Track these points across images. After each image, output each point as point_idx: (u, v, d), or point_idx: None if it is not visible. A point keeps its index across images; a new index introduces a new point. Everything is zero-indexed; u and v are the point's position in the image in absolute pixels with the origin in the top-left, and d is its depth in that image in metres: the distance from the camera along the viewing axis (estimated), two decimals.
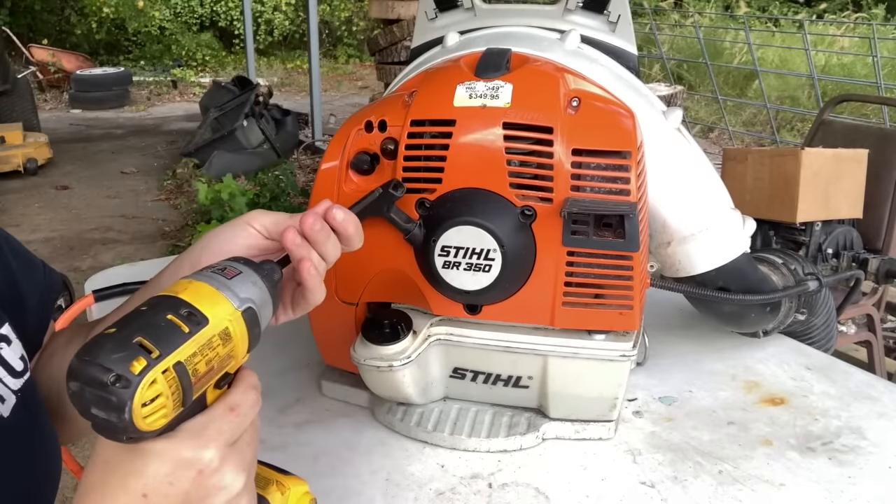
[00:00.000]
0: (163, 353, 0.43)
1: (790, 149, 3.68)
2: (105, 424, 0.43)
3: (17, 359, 0.59)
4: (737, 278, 0.89)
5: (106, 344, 0.43)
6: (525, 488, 0.76)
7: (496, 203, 0.72)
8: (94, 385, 0.42)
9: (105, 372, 0.42)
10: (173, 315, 0.45)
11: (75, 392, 0.43)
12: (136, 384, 0.42)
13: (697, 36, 6.65)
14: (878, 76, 5.21)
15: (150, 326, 0.44)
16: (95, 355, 0.42)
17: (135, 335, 0.43)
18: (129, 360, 0.42)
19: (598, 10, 0.87)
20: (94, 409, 0.43)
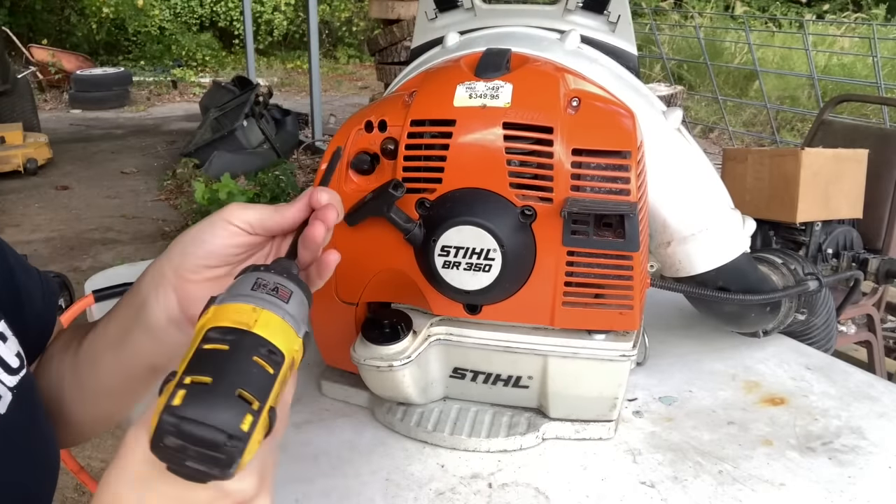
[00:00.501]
0: (262, 403, 0.42)
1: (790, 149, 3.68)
2: (196, 474, 0.41)
3: (12, 356, 0.59)
4: (737, 278, 0.89)
5: (212, 400, 0.40)
6: (525, 488, 0.76)
7: (496, 203, 0.72)
8: (204, 445, 0.40)
9: (219, 433, 0.40)
10: (258, 357, 0.43)
11: (174, 448, 0.40)
12: (247, 440, 0.41)
13: (697, 36, 6.65)
14: (878, 76, 5.21)
15: (244, 374, 0.42)
16: (205, 416, 0.40)
17: (235, 387, 0.41)
18: (239, 417, 0.41)
19: (598, 11, 0.87)
20: (193, 462, 0.41)
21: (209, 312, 0.46)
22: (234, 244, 0.55)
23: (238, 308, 0.45)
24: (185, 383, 0.42)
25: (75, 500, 2.18)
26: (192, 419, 0.40)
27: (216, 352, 0.43)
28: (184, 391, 0.41)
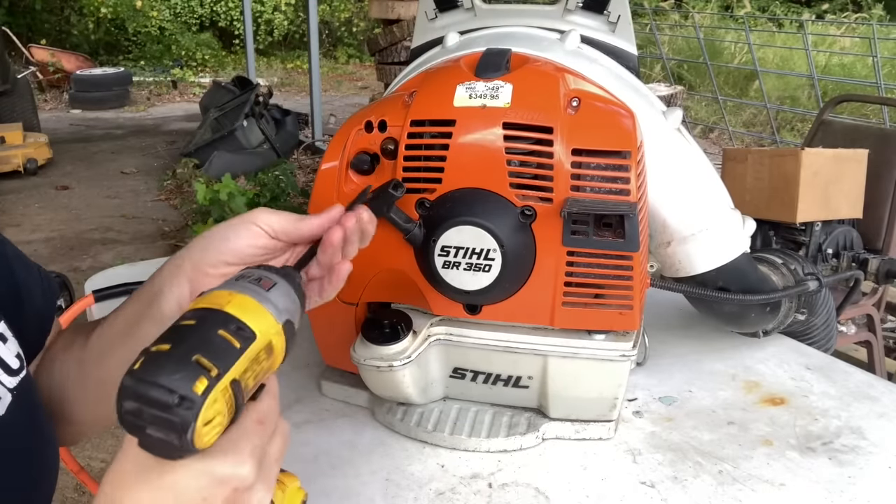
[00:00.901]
0: (221, 371, 0.43)
1: (790, 149, 3.68)
2: (159, 444, 0.42)
3: (12, 357, 0.59)
4: (737, 278, 0.89)
5: (166, 363, 0.42)
6: (525, 488, 0.76)
7: (496, 203, 0.72)
8: (157, 406, 0.41)
9: (169, 393, 0.41)
10: (224, 330, 0.44)
11: (131, 411, 0.41)
12: (200, 404, 0.41)
13: (697, 36, 6.65)
14: (878, 76, 5.21)
15: (205, 343, 0.43)
16: (156, 375, 0.41)
17: (192, 353, 0.42)
18: (192, 379, 0.41)
19: (597, 11, 0.87)
20: (152, 429, 0.41)
21: (199, 297, 0.48)
22: (255, 245, 0.57)
23: (216, 293, 0.47)
24: (148, 351, 0.43)
25: (75, 500, 2.18)
26: (146, 380, 0.41)
27: (183, 326, 0.44)
28: (142, 360, 0.42)
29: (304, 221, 0.57)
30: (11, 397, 0.58)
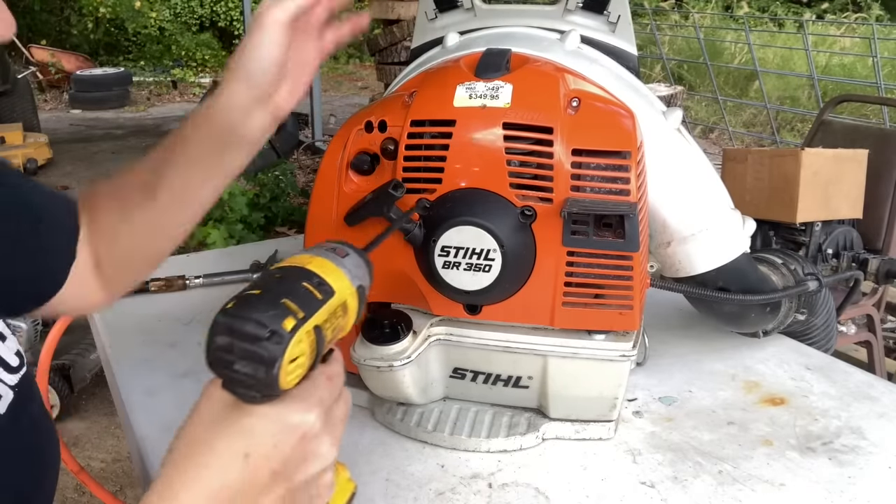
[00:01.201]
0: (306, 315, 0.46)
1: (790, 149, 3.68)
2: (245, 380, 0.45)
3: (12, 354, 0.59)
4: (737, 278, 0.89)
5: (258, 303, 0.45)
6: (525, 488, 0.76)
7: (496, 203, 0.72)
8: (248, 339, 0.44)
9: (260, 327, 0.44)
10: (308, 283, 0.48)
11: (222, 346, 0.44)
12: (288, 340, 0.45)
13: (697, 36, 6.65)
14: (879, 76, 5.21)
15: (292, 291, 0.47)
16: (249, 312, 0.45)
17: (281, 297, 0.46)
18: (281, 317, 0.45)
19: (597, 11, 0.87)
20: (241, 363, 0.44)
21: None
22: (283, 44, 0.63)
23: (298, 256, 0.51)
24: (239, 295, 0.46)
25: (75, 500, 2.18)
26: (240, 315, 0.44)
27: (271, 277, 0.49)
28: (234, 301, 0.46)
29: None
30: (13, 395, 0.58)
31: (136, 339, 1.05)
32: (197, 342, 1.03)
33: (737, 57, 7.48)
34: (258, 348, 0.44)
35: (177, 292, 1.18)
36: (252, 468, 0.46)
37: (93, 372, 2.67)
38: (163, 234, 0.73)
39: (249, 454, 0.46)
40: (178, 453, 0.47)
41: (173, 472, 0.46)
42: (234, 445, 0.46)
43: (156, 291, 1.18)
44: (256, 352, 0.44)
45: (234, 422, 0.46)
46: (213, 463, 0.46)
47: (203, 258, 1.34)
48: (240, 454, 0.46)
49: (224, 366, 0.45)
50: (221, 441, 0.46)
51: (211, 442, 0.46)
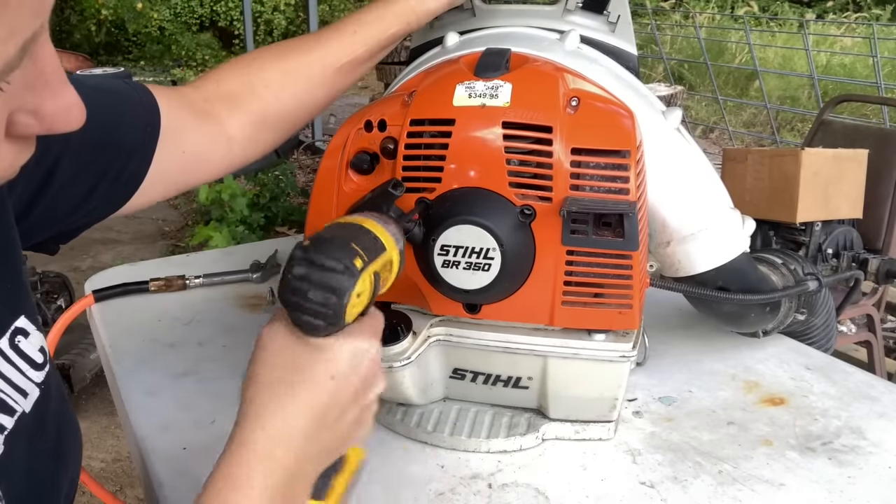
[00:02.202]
0: (369, 259, 0.53)
1: (790, 149, 3.68)
2: (316, 308, 0.50)
3: (36, 351, 0.59)
4: (736, 278, 0.89)
5: (333, 241, 0.52)
6: (525, 488, 0.75)
7: (495, 202, 0.72)
8: (326, 270, 0.50)
9: (337, 261, 0.50)
10: (367, 237, 0.55)
11: (299, 276, 0.50)
12: (358, 276, 0.51)
13: (697, 36, 6.65)
14: (879, 76, 5.21)
15: (357, 236, 0.54)
16: (326, 248, 0.51)
17: (350, 241, 0.53)
18: (353, 256, 0.52)
19: (597, 11, 0.87)
20: (315, 291, 0.50)
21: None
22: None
23: (349, 217, 0.59)
24: (313, 237, 0.53)
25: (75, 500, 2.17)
26: (318, 250, 0.51)
27: (335, 226, 0.56)
28: (311, 240, 0.52)
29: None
30: (39, 392, 0.58)
31: (136, 339, 1.05)
32: (197, 342, 1.04)
33: (737, 57, 7.48)
34: (332, 279, 0.50)
35: (177, 292, 1.18)
36: (337, 387, 0.52)
37: (93, 372, 2.67)
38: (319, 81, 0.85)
39: (335, 375, 0.52)
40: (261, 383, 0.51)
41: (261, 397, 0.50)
42: (320, 370, 0.51)
43: (156, 291, 1.18)
44: (330, 282, 0.50)
45: (312, 352, 0.51)
46: (304, 385, 0.51)
47: (203, 258, 1.34)
48: (327, 376, 0.51)
49: (298, 294, 0.50)
50: (307, 368, 0.51)
51: (297, 368, 0.51)
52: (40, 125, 0.39)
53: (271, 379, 0.51)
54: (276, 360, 0.52)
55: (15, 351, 0.56)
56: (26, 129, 0.38)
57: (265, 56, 0.84)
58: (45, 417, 0.59)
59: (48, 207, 0.65)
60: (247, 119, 0.82)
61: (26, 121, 0.38)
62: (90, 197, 0.70)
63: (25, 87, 0.36)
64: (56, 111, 0.39)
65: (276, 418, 0.49)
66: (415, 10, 0.85)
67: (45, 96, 0.38)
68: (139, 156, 0.73)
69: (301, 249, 0.51)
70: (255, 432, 0.49)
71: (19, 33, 0.32)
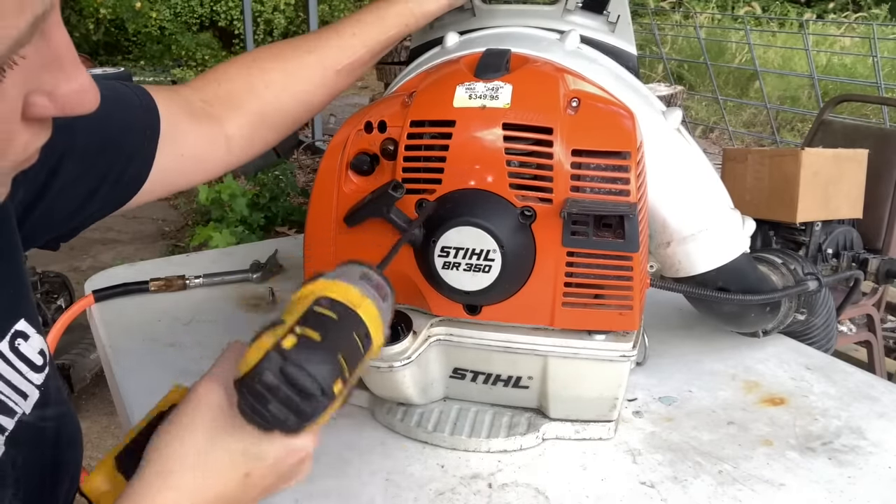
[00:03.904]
0: (350, 375, 0.46)
1: (790, 149, 3.68)
2: (272, 419, 0.44)
3: (36, 353, 0.59)
4: (737, 278, 0.89)
5: (317, 353, 0.44)
6: (525, 488, 0.76)
7: (496, 203, 0.72)
8: (298, 392, 0.43)
9: (315, 384, 0.43)
10: (357, 334, 0.47)
11: (268, 384, 0.43)
12: (331, 402, 0.45)
13: (698, 36, 6.65)
14: (879, 76, 5.21)
15: (346, 343, 0.46)
16: (308, 362, 0.43)
17: (337, 350, 0.45)
18: (334, 377, 0.44)
19: (597, 11, 0.87)
20: (279, 406, 0.44)
21: (319, 282, 0.50)
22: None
23: (347, 288, 0.49)
24: (296, 332, 0.45)
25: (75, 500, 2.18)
26: (298, 364, 0.43)
27: (326, 317, 0.47)
28: (295, 339, 0.44)
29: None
30: (38, 394, 0.58)
31: (136, 339, 1.05)
32: (197, 342, 1.04)
33: (737, 57, 7.48)
34: (307, 404, 0.44)
35: (177, 292, 1.19)
36: (248, 484, 0.48)
37: (93, 372, 2.67)
38: (319, 82, 0.85)
39: (250, 473, 0.47)
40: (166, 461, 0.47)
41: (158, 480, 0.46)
42: (237, 464, 0.47)
43: (156, 291, 1.18)
44: (300, 405, 0.44)
45: (240, 441, 0.47)
46: (214, 480, 0.47)
47: (203, 258, 1.34)
48: (241, 473, 0.47)
49: (260, 401, 0.44)
50: (223, 457, 0.47)
51: (212, 455, 0.47)
52: (55, 107, 0.39)
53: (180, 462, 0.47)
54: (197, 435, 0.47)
55: (15, 353, 0.57)
56: (42, 111, 0.39)
57: (265, 56, 0.84)
58: (45, 419, 0.59)
59: (48, 209, 0.65)
60: (246, 120, 0.82)
61: (42, 102, 0.38)
62: (90, 200, 0.70)
63: (41, 68, 0.37)
64: (70, 93, 0.39)
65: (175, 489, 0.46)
66: (414, 11, 0.85)
67: (60, 78, 0.38)
68: (139, 159, 0.73)
69: (279, 354, 0.43)
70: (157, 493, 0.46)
71: (29, 8, 0.33)
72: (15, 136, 0.38)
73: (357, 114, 0.79)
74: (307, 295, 0.49)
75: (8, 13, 0.32)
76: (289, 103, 0.84)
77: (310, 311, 0.47)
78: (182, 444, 0.47)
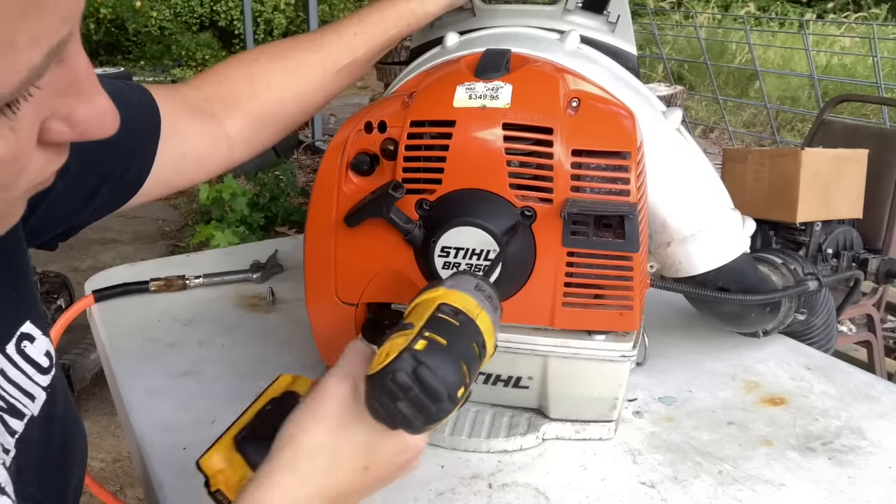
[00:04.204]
0: (469, 382, 0.49)
1: (790, 149, 3.68)
2: (399, 418, 0.47)
3: (42, 355, 0.59)
4: (737, 278, 0.89)
5: (447, 360, 0.47)
6: (525, 488, 0.76)
7: (496, 204, 0.72)
8: (430, 394, 0.46)
9: (444, 388, 0.46)
10: (476, 344, 0.50)
11: (402, 384, 0.46)
12: (455, 406, 0.48)
13: (697, 36, 6.65)
14: (879, 76, 5.21)
15: (467, 352, 0.49)
16: (439, 367, 0.46)
17: (461, 359, 0.48)
18: (459, 384, 0.47)
19: (597, 11, 0.87)
20: (409, 406, 0.47)
21: (439, 290, 0.53)
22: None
23: (467, 299, 0.53)
24: (425, 335, 0.48)
25: None
26: (429, 366, 0.46)
27: (450, 324, 0.50)
28: (425, 342, 0.47)
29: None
30: (45, 395, 0.58)
31: (136, 339, 1.05)
32: (197, 342, 1.04)
33: (737, 57, 7.48)
34: (434, 406, 0.46)
35: (177, 292, 1.19)
36: (367, 476, 0.51)
37: (93, 372, 2.67)
38: (320, 81, 0.85)
39: (369, 466, 0.50)
40: (301, 450, 0.50)
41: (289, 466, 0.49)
42: (359, 457, 0.50)
43: (156, 291, 1.18)
44: (430, 408, 0.46)
45: (364, 434, 0.50)
46: (338, 471, 0.50)
47: (203, 258, 1.34)
48: (362, 465, 0.50)
49: (391, 397, 0.47)
50: (349, 452, 0.50)
51: (339, 450, 0.50)
52: (73, 132, 0.38)
53: (309, 451, 0.50)
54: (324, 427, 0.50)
55: (21, 356, 0.57)
56: (59, 136, 0.38)
57: (266, 56, 0.84)
58: (53, 420, 0.59)
59: (50, 208, 0.65)
60: (247, 119, 0.82)
61: (59, 128, 0.38)
62: (91, 200, 0.70)
63: (57, 94, 0.36)
64: (88, 118, 0.38)
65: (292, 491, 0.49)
66: (415, 12, 0.85)
67: (78, 103, 0.37)
68: (141, 159, 0.73)
69: (412, 355, 0.46)
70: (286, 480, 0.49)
71: (45, 41, 0.32)
72: (31, 162, 0.37)
73: (357, 114, 0.79)
74: (428, 301, 0.52)
75: (21, 47, 0.31)
76: (289, 103, 0.84)
77: (434, 316, 0.50)
78: (311, 435, 0.50)
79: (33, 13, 0.31)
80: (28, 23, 0.31)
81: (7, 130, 0.34)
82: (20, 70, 0.32)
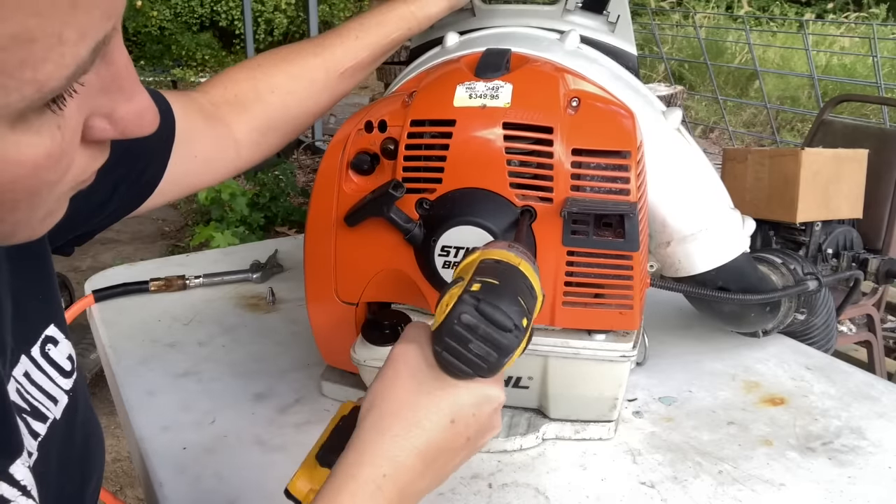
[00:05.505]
0: (530, 314, 0.51)
1: (790, 149, 3.68)
2: (473, 359, 0.49)
3: (65, 358, 0.59)
4: (736, 278, 0.89)
5: (503, 294, 0.49)
6: (525, 488, 0.76)
7: (496, 203, 0.72)
8: (497, 327, 0.48)
9: (508, 319, 0.48)
10: (525, 286, 0.52)
11: (469, 325, 0.48)
12: (524, 335, 0.50)
13: (697, 36, 6.65)
14: (879, 76, 5.21)
15: (522, 289, 0.51)
16: (499, 301, 0.48)
17: (517, 293, 0.50)
18: (522, 314, 0.49)
19: (597, 11, 0.87)
20: (479, 344, 0.48)
21: (476, 253, 0.55)
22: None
23: (504, 253, 0.55)
24: (477, 279, 0.50)
25: None
26: (491, 302, 0.48)
27: (496, 269, 0.52)
28: (479, 285, 0.49)
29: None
30: (68, 399, 0.58)
31: (136, 339, 1.05)
32: (197, 342, 1.04)
33: (737, 57, 7.48)
34: (502, 337, 0.48)
35: (177, 292, 1.19)
36: (455, 432, 0.52)
37: (93, 372, 2.66)
38: (323, 85, 0.87)
39: (455, 420, 0.52)
40: (384, 411, 0.51)
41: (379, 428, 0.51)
42: (444, 411, 0.51)
43: (156, 291, 1.18)
44: (500, 340, 0.48)
45: (442, 389, 0.52)
46: (424, 423, 0.51)
47: (203, 258, 1.34)
48: (447, 419, 0.51)
49: (461, 341, 0.48)
50: (432, 406, 0.51)
51: (421, 404, 0.51)
52: (114, 129, 0.38)
53: (392, 410, 0.51)
54: (402, 388, 0.52)
55: (46, 359, 0.57)
56: (102, 134, 0.38)
57: (270, 61, 0.85)
58: (74, 424, 0.59)
59: (71, 212, 0.65)
60: (253, 124, 0.83)
61: (101, 125, 0.37)
62: (109, 201, 0.70)
63: (100, 91, 0.36)
64: (130, 115, 0.38)
65: (388, 456, 0.50)
66: (416, 14, 0.85)
67: (120, 100, 0.37)
68: (156, 161, 0.74)
69: (471, 296, 0.49)
70: (365, 468, 0.50)
71: (91, 35, 0.32)
72: (75, 160, 0.37)
73: (357, 113, 0.79)
74: (470, 262, 0.54)
75: (69, 41, 0.31)
76: (294, 107, 0.85)
77: (480, 268, 0.52)
78: (390, 399, 0.52)
79: (82, 7, 0.31)
80: (76, 17, 0.31)
81: (54, 127, 0.34)
82: (67, 64, 0.31)
